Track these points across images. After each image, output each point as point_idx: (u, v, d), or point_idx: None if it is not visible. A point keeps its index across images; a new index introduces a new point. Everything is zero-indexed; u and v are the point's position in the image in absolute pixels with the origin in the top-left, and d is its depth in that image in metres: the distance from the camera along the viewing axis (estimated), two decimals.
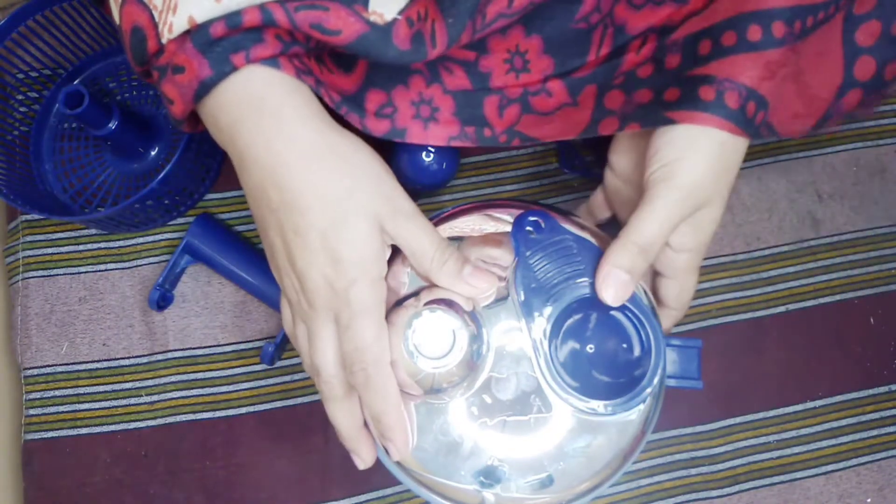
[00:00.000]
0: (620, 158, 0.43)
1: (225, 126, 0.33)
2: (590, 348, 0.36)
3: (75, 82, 0.56)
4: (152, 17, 0.33)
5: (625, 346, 0.36)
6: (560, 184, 0.55)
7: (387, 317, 0.36)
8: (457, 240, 0.39)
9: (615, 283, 0.35)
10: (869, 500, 0.49)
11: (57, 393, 0.50)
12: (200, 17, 0.32)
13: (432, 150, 0.49)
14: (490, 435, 0.36)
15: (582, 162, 0.54)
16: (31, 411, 0.50)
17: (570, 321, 0.35)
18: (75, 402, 0.50)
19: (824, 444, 0.50)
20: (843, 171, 0.55)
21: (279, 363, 0.51)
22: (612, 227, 0.42)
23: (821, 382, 0.51)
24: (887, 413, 0.51)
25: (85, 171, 0.55)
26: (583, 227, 0.39)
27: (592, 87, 0.45)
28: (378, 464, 0.48)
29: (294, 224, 0.33)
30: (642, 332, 0.35)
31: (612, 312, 0.36)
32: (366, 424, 0.37)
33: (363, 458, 0.37)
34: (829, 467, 0.50)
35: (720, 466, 0.50)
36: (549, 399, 0.35)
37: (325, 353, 0.34)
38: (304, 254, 0.33)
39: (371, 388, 0.34)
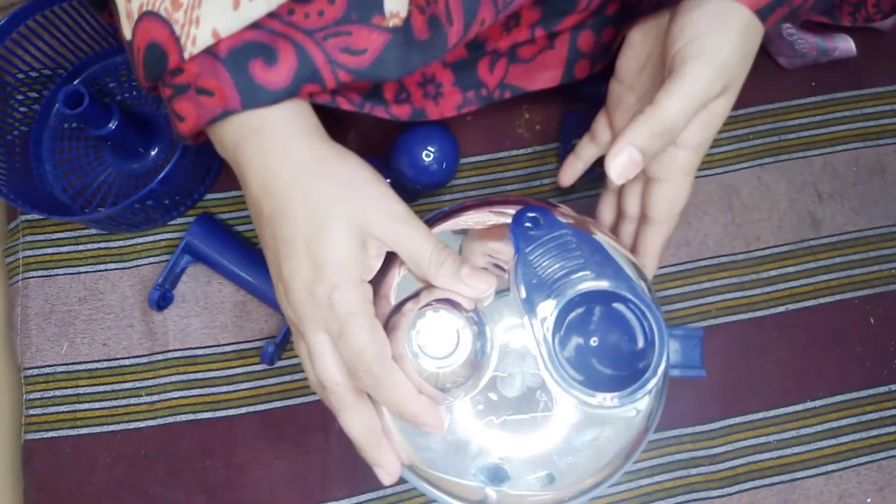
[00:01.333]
0: (627, 60, 0.42)
1: (229, 144, 0.35)
2: (593, 341, 0.36)
3: (75, 82, 0.56)
4: (173, 31, 0.33)
5: (628, 337, 0.36)
6: None
7: (388, 321, 0.36)
8: (461, 233, 0.39)
9: (626, 159, 0.35)
10: (869, 500, 0.49)
11: (57, 393, 0.50)
12: (224, 30, 0.32)
13: (432, 149, 0.49)
14: (494, 432, 0.36)
15: None
16: (31, 411, 0.50)
17: (572, 315, 0.35)
18: (75, 402, 0.50)
19: (824, 444, 0.50)
20: (843, 171, 0.55)
21: (279, 363, 0.51)
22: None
23: (821, 382, 0.51)
24: (887, 413, 0.51)
25: (85, 171, 0.55)
26: (582, 223, 0.39)
27: (569, 32, 0.46)
28: None
29: (282, 233, 0.34)
30: (645, 323, 0.35)
31: (615, 305, 0.36)
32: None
33: (387, 470, 0.36)
34: (829, 467, 0.50)
35: (720, 466, 0.50)
36: (553, 395, 0.35)
37: (324, 365, 0.34)
38: (289, 263, 0.34)
39: (381, 386, 0.33)
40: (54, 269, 0.53)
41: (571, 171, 0.48)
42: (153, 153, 0.54)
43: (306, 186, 0.33)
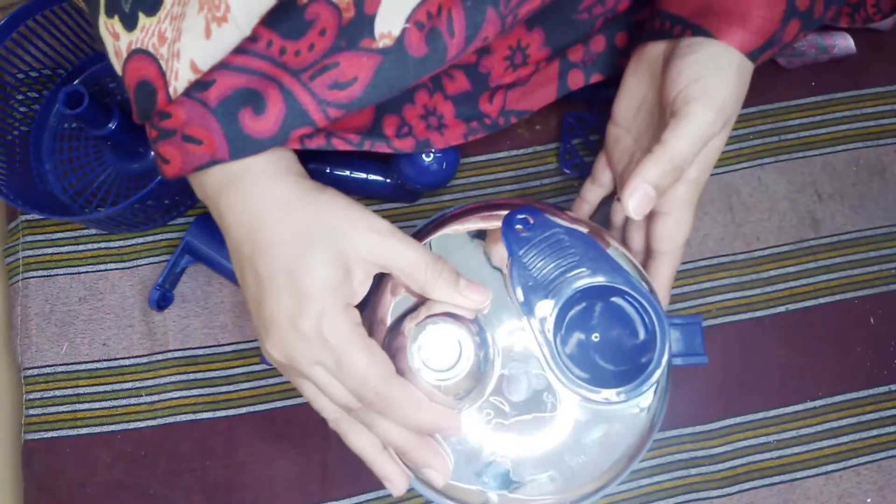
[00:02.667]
0: (622, 104, 0.44)
1: (212, 191, 0.34)
2: (595, 338, 0.36)
3: (75, 82, 0.56)
4: (160, 67, 0.32)
5: (629, 331, 0.36)
6: (560, 184, 0.55)
7: (387, 342, 0.35)
8: (477, 235, 0.39)
9: (641, 195, 0.37)
10: (869, 500, 0.49)
11: (57, 393, 0.50)
12: (201, 61, 0.32)
13: (432, 149, 0.49)
14: (499, 436, 0.36)
15: (582, 162, 0.54)
16: (31, 411, 0.50)
17: (571, 313, 0.35)
18: (75, 402, 0.50)
19: (824, 444, 0.50)
20: (843, 171, 0.55)
21: None
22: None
23: (821, 382, 0.51)
24: (887, 413, 0.51)
25: (85, 171, 0.55)
26: (573, 219, 0.39)
27: (561, 57, 0.48)
28: None
29: (264, 271, 0.33)
30: (644, 316, 0.35)
31: (613, 299, 0.36)
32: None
33: (396, 483, 0.36)
34: (829, 467, 0.50)
35: (720, 466, 0.50)
36: (558, 396, 0.35)
37: (320, 399, 0.34)
38: (270, 300, 0.33)
39: (393, 405, 0.32)
40: (54, 269, 0.53)
41: (580, 213, 0.49)
42: (153, 153, 0.54)
43: (285, 221, 0.33)
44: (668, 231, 0.41)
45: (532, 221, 0.37)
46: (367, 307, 0.36)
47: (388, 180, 0.52)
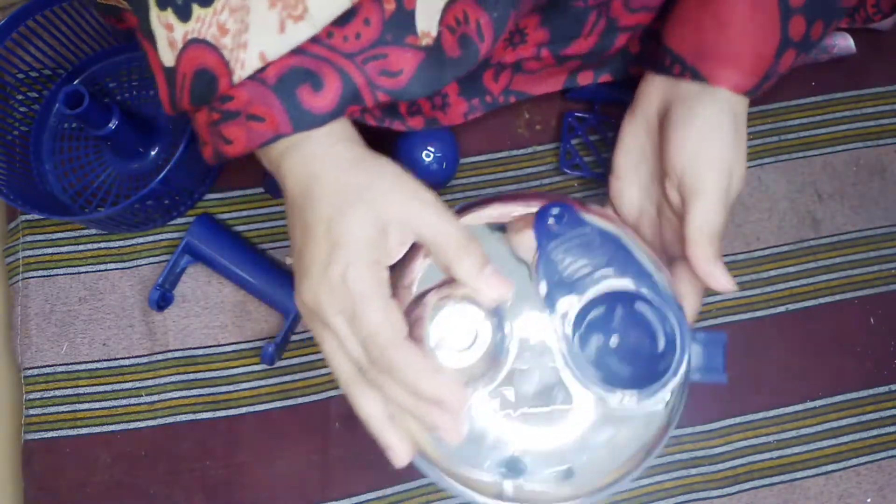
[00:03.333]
0: (622, 158, 0.45)
1: (274, 157, 0.36)
2: (614, 339, 0.36)
3: (75, 82, 0.56)
4: (222, 56, 0.34)
5: (649, 335, 0.35)
6: (560, 184, 0.55)
7: (409, 312, 0.36)
8: (497, 228, 0.39)
9: (723, 273, 0.38)
10: (869, 500, 0.49)
11: (57, 393, 0.50)
12: (272, 53, 0.34)
13: (432, 149, 0.49)
14: (512, 426, 0.36)
15: (582, 162, 0.54)
16: (31, 411, 0.50)
17: (594, 313, 0.35)
18: (75, 402, 0.50)
19: (824, 444, 0.50)
20: (843, 171, 0.55)
21: (279, 363, 0.51)
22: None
23: (821, 382, 0.51)
24: (887, 413, 0.51)
25: (85, 171, 0.55)
26: (606, 219, 0.39)
27: (577, 61, 0.50)
28: (380, 464, 0.48)
29: (308, 219, 0.35)
30: (666, 322, 0.35)
31: (636, 303, 0.36)
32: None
33: (397, 449, 0.35)
34: (829, 467, 0.50)
35: (720, 466, 0.50)
36: (572, 391, 0.35)
37: (336, 356, 0.35)
38: (309, 247, 0.34)
39: (396, 367, 0.33)
40: (54, 269, 0.53)
41: None
42: (153, 153, 0.54)
43: (337, 178, 0.35)
44: (693, 299, 0.42)
45: (565, 217, 0.37)
46: (396, 268, 0.37)
47: None
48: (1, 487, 0.50)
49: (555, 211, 0.37)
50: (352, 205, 0.34)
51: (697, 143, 0.39)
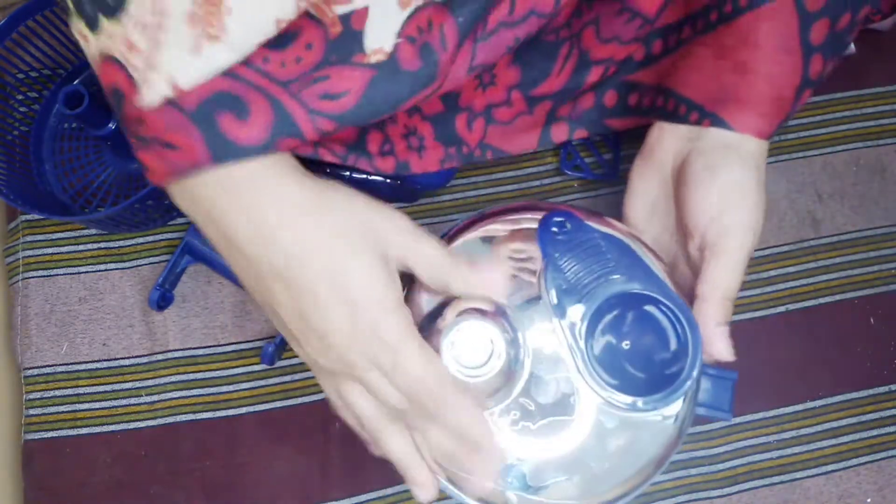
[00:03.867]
0: (633, 209, 0.44)
1: (205, 200, 0.32)
2: (626, 345, 0.36)
3: (75, 82, 0.56)
4: (129, 76, 0.30)
5: (661, 341, 0.35)
6: (560, 184, 0.55)
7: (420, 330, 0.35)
8: (489, 240, 0.39)
9: (723, 339, 0.37)
10: (869, 500, 0.49)
11: (57, 393, 0.50)
12: (184, 80, 0.30)
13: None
14: (523, 438, 0.36)
15: (582, 162, 0.54)
16: (31, 411, 0.50)
17: (604, 320, 0.35)
18: (75, 402, 0.50)
19: (824, 444, 0.50)
20: (843, 171, 0.55)
21: (279, 363, 0.51)
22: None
23: (821, 382, 0.51)
24: (887, 413, 0.51)
25: (85, 171, 0.55)
26: (609, 225, 0.39)
27: (549, 102, 0.47)
28: (380, 463, 0.48)
29: (302, 283, 0.32)
30: (678, 326, 0.35)
31: (647, 308, 0.36)
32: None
33: (428, 486, 0.35)
34: (829, 467, 0.50)
35: (720, 466, 0.50)
36: (585, 401, 0.35)
37: (360, 403, 0.34)
38: (317, 310, 0.32)
39: (447, 409, 0.32)
40: (54, 269, 0.53)
41: None
42: None
43: (312, 226, 0.32)
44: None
45: (568, 225, 0.37)
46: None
47: (388, 180, 0.51)
48: (1, 487, 0.50)
49: (558, 219, 0.37)
50: (351, 254, 0.32)
51: (720, 206, 0.38)
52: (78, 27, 0.31)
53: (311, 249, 0.31)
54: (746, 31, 0.38)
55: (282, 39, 0.31)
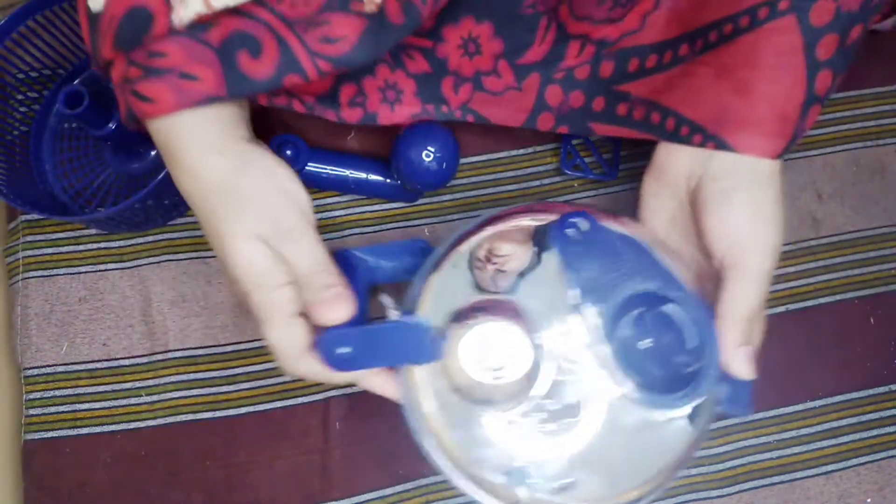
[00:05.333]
0: (649, 223, 0.43)
1: (162, 137, 0.37)
2: (644, 344, 0.36)
3: (75, 82, 0.56)
4: None
5: (680, 340, 0.36)
6: (560, 184, 0.55)
7: (446, 330, 0.37)
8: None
9: (743, 360, 0.37)
10: (869, 501, 0.50)
11: (57, 393, 0.50)
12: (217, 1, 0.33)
13: (432, 149, 0.49)
14: (541, 438, 0.36)
15: (582, 162, 0.54)
16: (31, 411, 0.50)
17: (622, 318, 0.36)
18: (75, 402, 0.50)
19: (824, 444, 0.50)
20: (843, 171, 0.55)
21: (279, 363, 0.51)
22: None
23: (821, 382, 0.51)
24: (887, 413, 0.51)
25: (85, 171, 0.55)
26: (625, 224, 0.39)
27: (536, 74, 0.48)
28: (380, 463, 0.49)
29: (209, 230, 0.37)
30: (695, 324, 0.35)
31: (665, 306, 0.36)
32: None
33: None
34: (829, 467, 0.50)
35: (720, 466, 0.50)
36: (603, 403, 0.36)
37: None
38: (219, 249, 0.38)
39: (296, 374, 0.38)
40: (54, 269, 0.53)
41: None
42: (153, 153, 0.54)
43: (214, 209, 0.36)
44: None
45: (584, 226, 0.37)
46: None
47: (388, 180, 0.52)
48: (1, 487, 0.50)
49: (573, 220, 0.37)
50: (233, 241, 0.36)
51: (737, 232, 0.38)
52: None
53: (209, 225, 0.37)
54: (747, 51, 0.38)
55: None
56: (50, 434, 0.50)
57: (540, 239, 0.38)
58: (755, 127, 0.38)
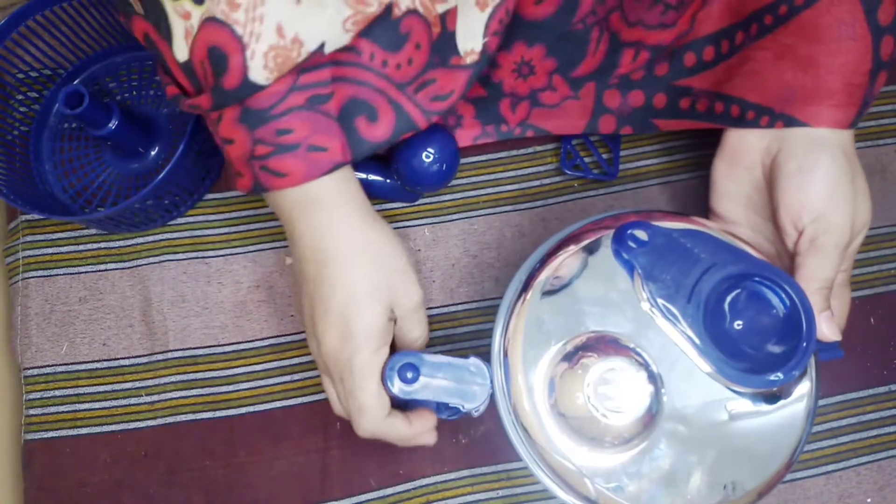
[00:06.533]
0: (725, 206, 0.44)
1: (285, 210, 0.39)
2: (737, 325, 0.35)
3: (75, 82, 0.56)
4: (234, 32, 0.33)
5: (771, 317, 0.35)
6: (560, 184, 0.55)
7: (562, 372, 0.37)
8: (587, 251, 0.39)
9: (828, 322, 0.38)
10: (869, 500, 0.49)
11: (57, 393, 0.50)
12: (288, 25, 0.33)
13: (432, 151, 0.49)
14: (663, 452, 0.36)
15: (582, 162, 0.54)
16: (31, 411, 0.50)
17: (715, 308, 0.35)
18: (75, 402, 0.50)
19: (824, 444, 0.50)
20: None
21: (279, 363, 0.51)
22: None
23: (821, 382, 0.51)
24: (887, 413, 0.51)
25: (85, 171, 0.55)
26: (683, 219, 0.39)
27: (592, 83, 0.48)
28: (380, 463, 0.49)
29: (321, 296, 0.38)
30: (784, 297, 0.35)
31: (755, 288, 0.35)
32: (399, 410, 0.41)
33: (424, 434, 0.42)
34: (829, 467, 0.50)
35: None
36: (717, 405, 0.36)
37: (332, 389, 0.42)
38: (323, 324, 0.39)
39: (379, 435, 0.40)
40: (54, 269, 0.53)
41: None
42: (153, 153, 0.54)
43: (350, 271, 0.38)
44: (836, 312, 0.42)
45: (644, 234, 0.36)
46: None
47: (389, 181, 0.52)
48: (1, 487, 0.50)
49: (631, 231, 0.36)
50: (359, 301, 0.37)
51: (816, 208, 0.39)
52: (178, 8, 0.33)
53: (339, 283, 0.38)
54: (807, 27, 0.39)
55: (396, 40, 0.37)
56: (50, 434, 0.50)
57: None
58: (825, 100, 0.39)
